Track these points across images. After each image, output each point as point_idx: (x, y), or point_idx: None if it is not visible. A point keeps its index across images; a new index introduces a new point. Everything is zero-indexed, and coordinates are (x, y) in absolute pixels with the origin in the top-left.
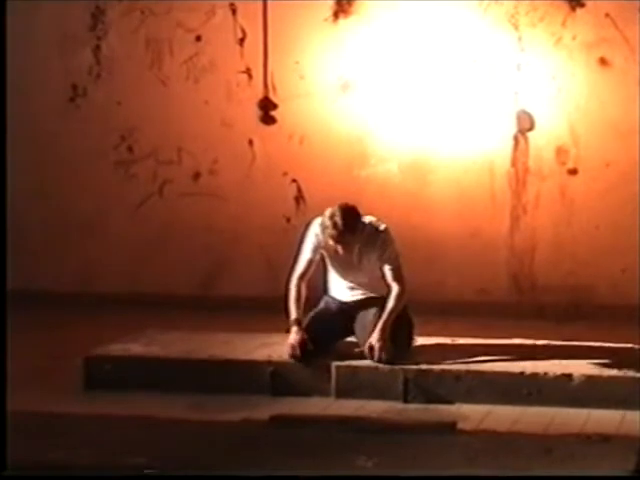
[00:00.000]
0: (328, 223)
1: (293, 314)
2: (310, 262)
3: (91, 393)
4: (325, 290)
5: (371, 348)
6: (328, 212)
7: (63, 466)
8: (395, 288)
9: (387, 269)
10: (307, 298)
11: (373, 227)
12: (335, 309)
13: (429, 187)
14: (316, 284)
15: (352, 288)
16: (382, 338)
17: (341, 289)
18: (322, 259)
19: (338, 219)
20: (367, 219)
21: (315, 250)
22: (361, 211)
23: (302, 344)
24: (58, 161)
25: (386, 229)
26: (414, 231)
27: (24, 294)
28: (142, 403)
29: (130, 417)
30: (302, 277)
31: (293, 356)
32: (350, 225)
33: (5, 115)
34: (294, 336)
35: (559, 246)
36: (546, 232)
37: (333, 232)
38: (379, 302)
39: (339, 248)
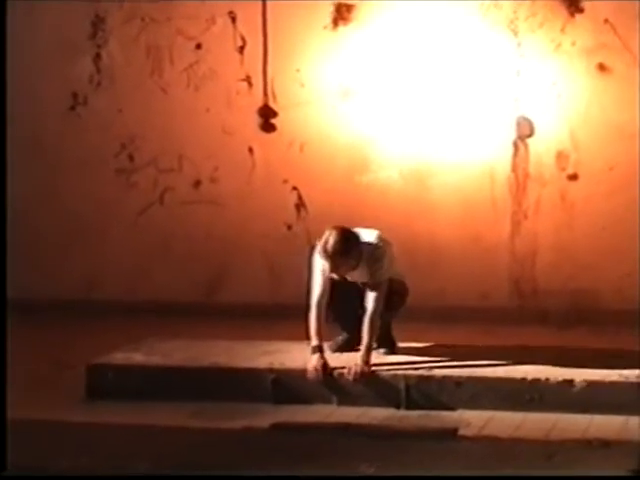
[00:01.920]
0: (322, 254)
1: (314, 341)
2: (324, 283)
3: (93, 402)
4: None
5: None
6: (322, 239)
7: (64, 473)
8: (371, 306)
9: (373, 283)
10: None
11: (371, 247)
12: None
13: (430, 193)
14: None
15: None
16: (363, 365)
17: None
18: None
19: (329, 247)
20: (368, 237)
21: (324, 273)
22: (356, 232)
23: (324, 369)
24: (59, 169)
25: (381, 246)
26: (415, 237)
27: (25, 302)
28: (144, 411)
29: (132, 425)
30: (321, 298)
31: (315, 379)
32: (342, 251)
33: (5, 122)
34: (315, 363)
35: (560, 251)
36: (547, 237)
37: (327, 262)
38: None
39: (341, 272)
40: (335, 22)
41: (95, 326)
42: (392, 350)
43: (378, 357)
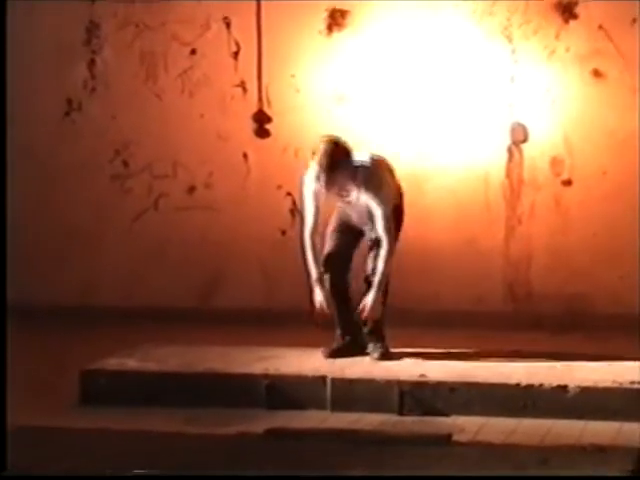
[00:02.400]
0: (315, 165)
1: (314, 273)
2: (316, 211)
3: (87, 407)
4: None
5: (363, 309)
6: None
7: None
8: (383, 245)
9: (376, 216)
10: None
11: (367, 169)
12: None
13: (424, 198)
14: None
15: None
16: (374, 300)
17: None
18: None
19: (321, 153)
20: (363, 157)
21: (316, 197)
22: (350, 149)
23: (323, 307)
24: (53, 176)
25: (379, 168)
26: (409, 241)
27: (20, 308)
28: (138, 417)
29: (126, 431)
30: (314, 230)
31: (321, 315)
32: (333, 164)
33: (5, 130)
34: (319, 298)
35: (555, 255)
36: (542, 241)
37: (320, 174)
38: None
39: (335, 187)
40: (330, 28)
41: (90, 331)
42: (383, 347)
43: (371, 362)
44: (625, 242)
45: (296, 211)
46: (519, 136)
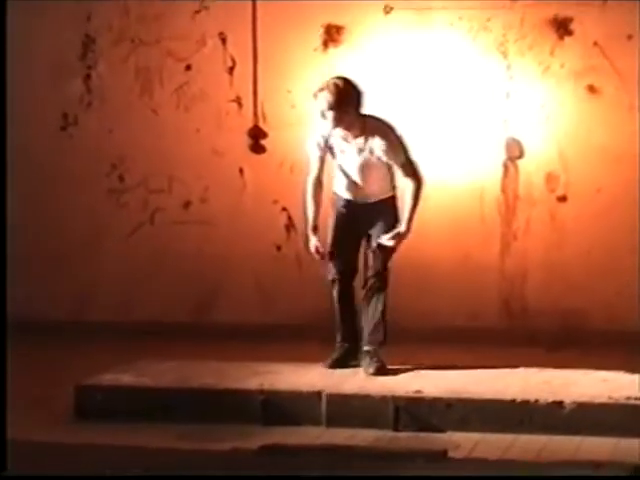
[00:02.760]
0: (318, 92)
1: (310, 221)
2: (320, 162)
3: (82, 422)
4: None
5: (393, 237)
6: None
7: None
8: (410, 185)
9: (398, 167)
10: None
11: (378, 122)
12: (347, 214)
13: (420, 213)
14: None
15: (357, 193)
16: (407, 229)
17: (348, 187)
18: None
19: (329, 82)
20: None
21: (320, 148)
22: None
23: (318, 249)
24: (49, 190)
25: (392, 125)
26: (405, 257)
27: (15, 321)
28: (133, 433)
29: (121, 447)
30: (317, 181)
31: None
32: (341, 91)
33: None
34: (313, 242)
35: (550, 271)
36: (537, 257)
37: (327, 109)
38: (385, 208)
39: (342, 124)
40: (325, 44)
41: (86, 346)
42: (379, 362)
43: (367, 378)
44: (620, 258)
45: (291, 226)
46: (514, 152)
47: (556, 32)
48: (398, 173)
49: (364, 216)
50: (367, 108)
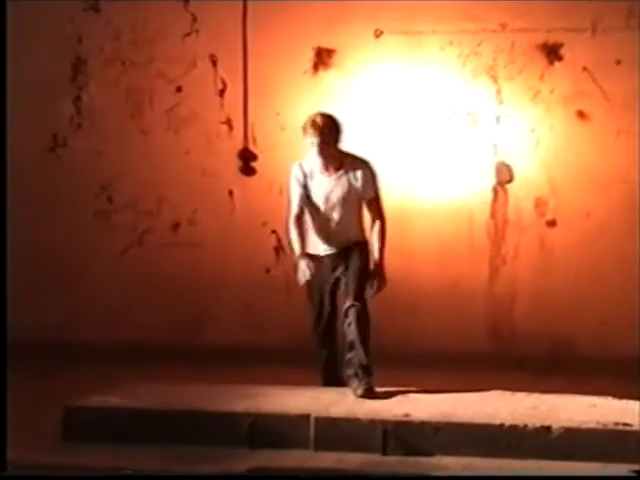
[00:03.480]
0: (308, 125)
1: (298, 250)
2: (302, 198)
3: (69, 444)
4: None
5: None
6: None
7: None
8: (377, 224)
9: (367, 201)
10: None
11: (357, 157)
12: (318, 273)
13: (409, 237)
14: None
15: (329, 237)
16: (378, 273)
17: (319, 241)
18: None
19: (317, 118)
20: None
21: (301, 185)
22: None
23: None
24: (38, 210)
25: (370, 162)
26: (394, 281)
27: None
28: (120, 454)
29: (108, 468)
30: (299, 217)
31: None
32: (329, 125)
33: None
34: (303, 266)
35: (538, 296)
36: (525, 282)
37: (312, 134)
38: (358, 251)
39: (321, 164)
40: (315, 67)
41: (74, 367)
42: (368, 384)
43: (355, 401)
44: (607, 285)
45: (281, 249)
46: (504, 176)
47: (546, 57)
48: (369, 208)
49: (336, 265)
50: (357, 132)
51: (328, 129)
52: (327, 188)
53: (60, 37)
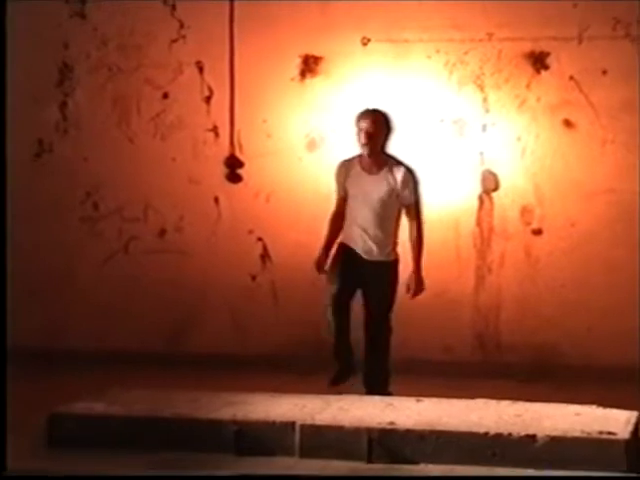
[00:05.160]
0: (364, 115)
1: (325, 242)
2: (342, 200)
3: (54, 451)
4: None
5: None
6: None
7: None
8: (414, 229)
9: (407, 205)
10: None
11: (401, 161)
12: (351, 262)
13: None
14: None
15: (363, 237)
16: (414, 279)
17: (354, 235)
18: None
19: (374, 109)
20: None
21: (343, 183)
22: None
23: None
24: (23, 216)
25: (413, 169)
26: None
27: None
28: (105, 461)
29: (93, 476)
30: (336, 214)
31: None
32: (385, 121)
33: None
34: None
35: (524, 305)
36: (511, 291)
37: (369, 124)
38: (387, 271)
39: (367, 161)
40: (303, 74)
41: (59, 374)
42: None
43: (341, 409)
44: (592, 294)
45: (267, 256)
46: (490, 184)
47: (532, 66)
48: (407, 212)
49: (365, 271)
50: (347, 138)
51: (380, 127)
52: (368, 187)
53: (46, 43)
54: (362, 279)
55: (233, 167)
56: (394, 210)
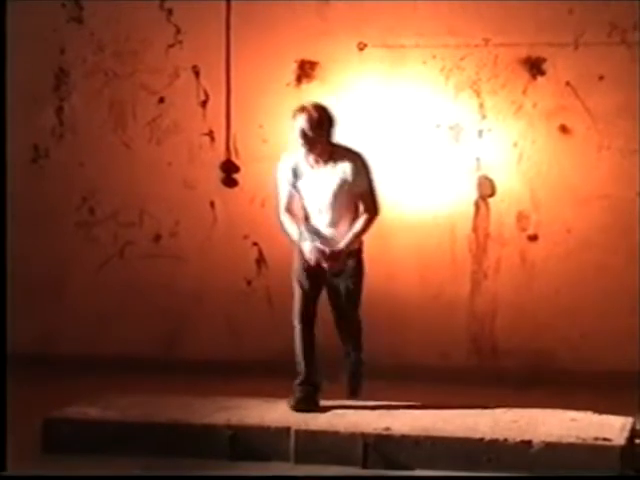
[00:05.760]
0: (298, 113)
1: (297, 235)
2: (289, 194)
3: (49, 456)
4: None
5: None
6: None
7: None
8: (364, 215)
9: (360, 194)
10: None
11: (350, 148)
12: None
13: (390, 251)
14: None
15: (322, 236)
16: (340, 251)
17: (315, 232)
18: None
19: (308, 105)
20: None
21: (290, 181)
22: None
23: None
24: (19, 221)
25: (362, 153)
26: (375, 295)
27: None
28: (100, 466)
29: (92, 476)
30: (288, 209)
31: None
32: (321, 116)
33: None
34: (307, 248)
35: (520, 310)
36: (506, 296)
37: (303, 122)
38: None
39: (311, 157)
40: (299, 79)
41: (54, 379)
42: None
43: (336, 414)
44: (588, 299)
45: (262, 261)
46: (486, 190)
47: (529, 72)
48: (361, 201)
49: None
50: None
51: (319, 122)
52: (316, 182)
53: (43, 48)
54: (325, 279)
55: (229, 172)
56: (349, 202)
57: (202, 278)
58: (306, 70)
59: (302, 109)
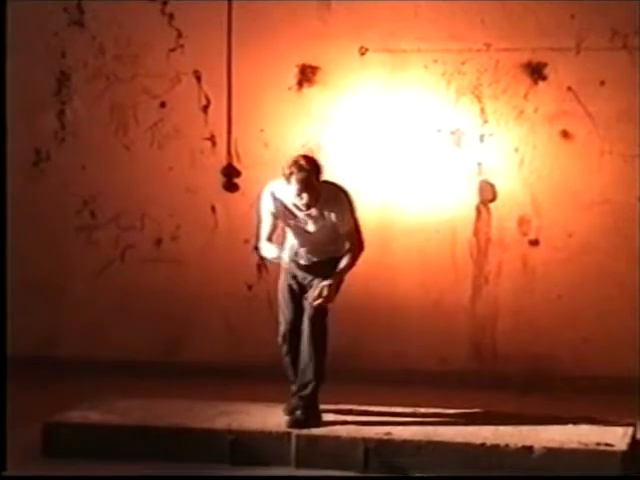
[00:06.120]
0: (293, 168)
1: (275, 252)
2: (272, 226)
3: (49, 460)
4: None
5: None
6: (288, 162)
7: None
8: (351, 252)
9: (345, 232)
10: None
11: (334, 185)
12: (293, 285)
13: (391, 256)
14: None
15: (307, 252)
16: (331, 285)
17: (299, 253)
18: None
19: (302, 162)
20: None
21: (274, 215)
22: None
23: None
24: (20, 225)
25: (346, 189)
26: (376, 300)
27: None
28: (100, 471)
29: (91, 476)
30: (269, 239)
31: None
32: (313, 168)
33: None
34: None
35: (521, 315)
36: (507, 301)
37: (299, 175)
38: (330, 266)
39: (303, 199)
40: (300, 83)
41: (54, 383)
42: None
43: (337, 418)
44: (588, 304)
45: (263, 266)
46: (487, 195)
47: (530, 77)
48: (345, 237)
49: (309, 274)
50: (341, 149)
51: (311, 171)
52: (302, 222)
53: (44, 51)
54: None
55: (230, 176)
56: (333, 238)
57: (203, 282)
58: (307, 74)
59: (297, 164)
